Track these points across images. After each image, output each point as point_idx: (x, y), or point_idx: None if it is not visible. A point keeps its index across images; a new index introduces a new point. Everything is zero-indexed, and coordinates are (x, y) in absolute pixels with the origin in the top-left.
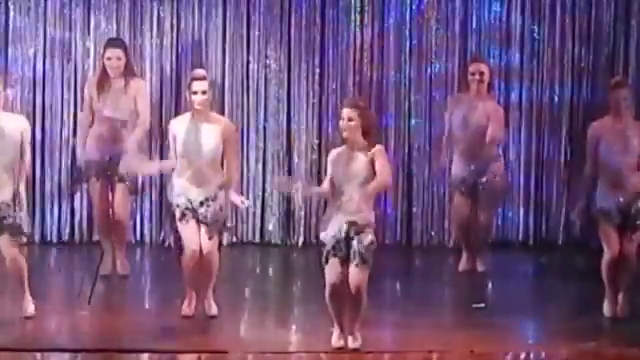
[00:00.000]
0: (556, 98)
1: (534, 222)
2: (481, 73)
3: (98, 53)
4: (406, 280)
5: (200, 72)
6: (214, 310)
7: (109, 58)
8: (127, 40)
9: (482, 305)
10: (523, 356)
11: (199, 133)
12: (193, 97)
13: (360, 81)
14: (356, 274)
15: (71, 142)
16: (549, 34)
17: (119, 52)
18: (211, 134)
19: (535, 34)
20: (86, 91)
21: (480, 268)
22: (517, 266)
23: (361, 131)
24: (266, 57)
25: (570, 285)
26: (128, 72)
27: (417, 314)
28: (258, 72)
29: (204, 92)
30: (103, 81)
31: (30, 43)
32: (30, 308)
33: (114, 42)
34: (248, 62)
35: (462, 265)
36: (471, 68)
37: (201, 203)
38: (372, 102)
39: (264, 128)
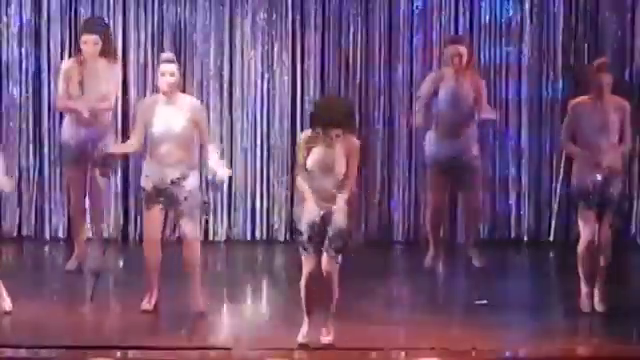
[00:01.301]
0: (558, 94)
1: (535, 219)
2: (460, 56)
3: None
4: (407, 278)
5: (168, 55)
6: (202, 306)
7: (85, 42)
8: (129, 38)
9: (484, 302)
10: (525, 354)
11: (168, 114)
12: (161, 79)
13: (365, 79)
14: (328, 262)
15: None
16: (551, 30)
17: (95, 37)
18: (180, 115)
19: (536, 29)
20: (62, 76)
21: (476, 263)
22: (518, 263)
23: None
24: (271, 55)
25: (570, 283)
26: (104, 54)
27: (418, 311)
28: (263, 71)
29: (172, 74)
30: (80, 65)
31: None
32: (7, 304)
33: (90, 27)
34: (252, 60)
35: (428, 261)
36: (450, 50)
37: (172, 182)
38: (379, 100)
39: (268, 126)
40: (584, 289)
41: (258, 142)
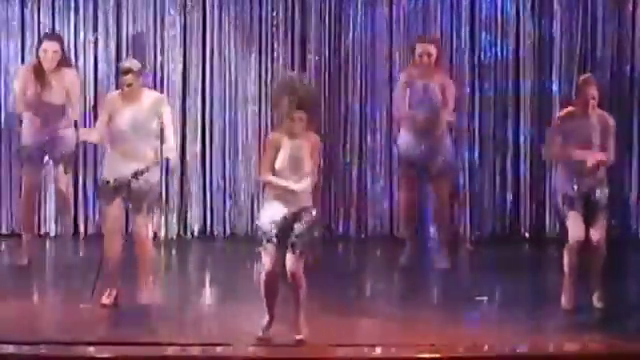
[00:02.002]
0: (558, 91)
1: (536, 216)
2: (429, 54)
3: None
4: (408, 274)
5: (125, 66)
6: (147, 298)
7: (45, 50)
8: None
9: (485, 298)
10: (525, 350)
11: (131, 109)
12: (122, 86)
13: (365, 75)
14: (293, 261)
15: None
16: (552, 27)
17: (55, 45)
18: (143, 110)
19: (538, 26)
20: (16, 82)
21: (441, 264)
22: (518, 260)
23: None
24: (273, 51)
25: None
26: (62, 63)
27: (419, 308)
28: (265, 67)
29: (129, 85)
30: (37, 72)
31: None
32: None
33: (50, 35)
34: (251, 53)
35: (404, 259)
36: (418, 49)
37: (133, 175)
38: (382, 95)
39: (271, 123)
40: (566, 285)
41: (257, 139)
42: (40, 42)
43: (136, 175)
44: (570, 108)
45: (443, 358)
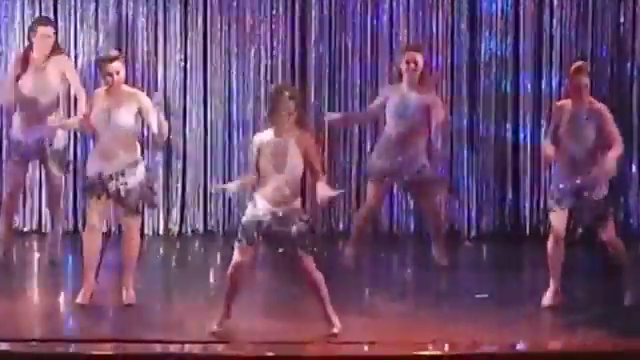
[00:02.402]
0: (558, 88)
1: (537, 213)
2: (415, 62)
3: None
4: (408, 271)
5: (113, 53)
6: (131, 299)
7: (42, 36)
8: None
9: (485, 295)
10: (524, 348)
11: (110, 108)
12: (107, 78)
13: (366, 72)
14: (302, 262)
15: None
16: (552, 25)
17: (49, 30)
18: (122, 110)
19: (538, 25)
20: (10, 69)
21: (442, 262)
22: (519, 257)
23: (295, 118)
24: (272, 49)
25: (571, 278)
26: (54, 50)
27: (419, 305)
28: (265, 65)
29: (118, 72)
30: (28, 60)
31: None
32: None
33: (45, 20)
34: (251, 51)
35: (348, 255)
36: (405, 57)
37: (110, 177)
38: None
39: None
40: (551, 282)
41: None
42: (33, 28)
43: (113, 178)
44: (563, 100)
45: (443, 356)
